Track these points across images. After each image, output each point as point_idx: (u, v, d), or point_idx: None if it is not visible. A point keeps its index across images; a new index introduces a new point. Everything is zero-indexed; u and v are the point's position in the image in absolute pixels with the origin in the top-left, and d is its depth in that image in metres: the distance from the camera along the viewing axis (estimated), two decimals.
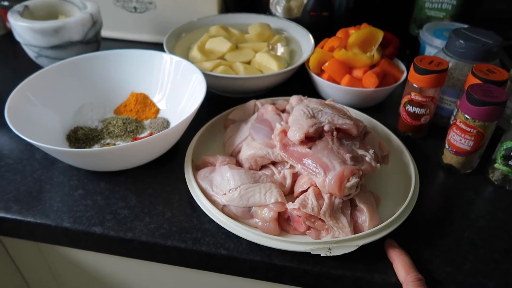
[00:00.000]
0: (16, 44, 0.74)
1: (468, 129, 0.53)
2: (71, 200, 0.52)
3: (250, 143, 0.54)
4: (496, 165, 0.55)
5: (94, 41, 0.75)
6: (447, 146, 0.57)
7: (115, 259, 0.55)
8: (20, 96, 0.57)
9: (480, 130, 0.52)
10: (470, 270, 0.45)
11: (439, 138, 0.60)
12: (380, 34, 0.69)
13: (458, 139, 0.55)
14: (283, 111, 0.60)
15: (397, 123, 0.65)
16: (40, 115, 0.59)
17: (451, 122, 0.56)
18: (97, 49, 0.77)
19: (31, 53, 0.73)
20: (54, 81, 0.62)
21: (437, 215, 0.52)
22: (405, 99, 0.62)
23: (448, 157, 0.57)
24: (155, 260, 0.50)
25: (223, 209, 0.49)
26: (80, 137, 0.60)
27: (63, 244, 0.52)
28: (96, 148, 0.59)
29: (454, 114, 0.57)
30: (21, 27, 0.68)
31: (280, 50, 0.77)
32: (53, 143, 0.56)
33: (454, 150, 0.56)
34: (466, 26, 0.68)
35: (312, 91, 0.72)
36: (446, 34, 0.72)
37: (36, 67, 0.70)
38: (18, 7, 0.72)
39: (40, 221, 0.49)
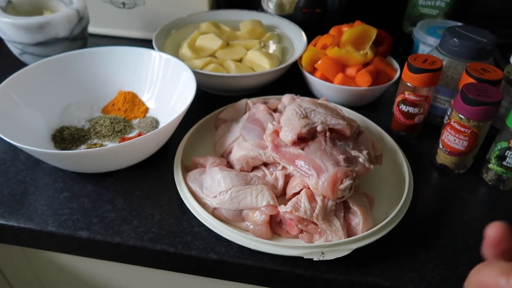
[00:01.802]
0: (0, 41, 0.71)
1: (463, 129, 0.52)
2: (56, 203, 0.50)
3: (242, 143, 0.53)
4: (490, 165, 0.55)
5: (80, 37, 0.73)
6: (441, 146, 0.56)
7: (103, 263, 0.54)
8: (3, 95, 0.55)
9: (475, 130, 0.52)
10: (464, 273, 0.44)
11: (433, 137, 0.59)
12: (373, 32, 0.68)
13: (452, 139, 0.54)
14: (275, 110, 0.59)
15: (390, 122, 0.65)
16: (24, 114, 0.57)
17: (445, 122, 0.56)
18: (84, 46, 0.75)
19: (15, 50, 0.71)
20: (38, 79, 0.60)
21: (431, 216, 0.51)
22: (398, 98, 0.61)
23: (442, 157, 0.57)
24: (144, 265, 0.49)
25: (213, 212, 0.48)
26: (66, 137, 0.58)
27: (48, 249, 0.51)
28: (82, 148, 0.58)
29: (448, 113, 0.56)
30: (4, 23, 0.66)
31: (272, 47, 0.75)
32: (37, 144, 0.54)
33: (448, 150, 0.55)
34: (459, 24, 0.67)
35: (304, 90, 0.71)
36: (439, 32, 0.71)
37: (20, 64, 0.68)
38: (1, 2, 0.70)
39: (24, 225, 0.48)
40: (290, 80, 0.74)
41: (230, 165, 0.54)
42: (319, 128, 0.49)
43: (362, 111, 0.64)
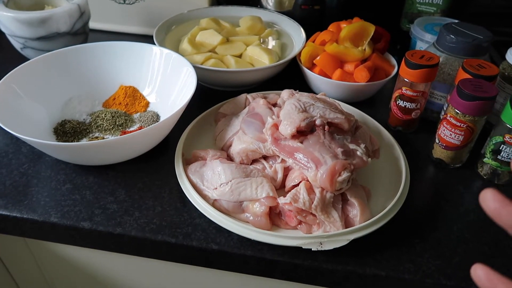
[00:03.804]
0: (1, 35, 0.72)
1: (458, 124, 0.53)
2: (59, 194, 0.51)
3: (241, 137, 0.54)
4: (485, 159, 0.56)
5: (81, 32, 0.73)
6: (437, 141, 0.57)
7: (105, 254, 0.55)
8: (5, 88, 0.55)
9: (470, 124, 0.53)
10: (459, 264, 0.46)
11: (429, 132, 0.60)
12: (371, 28, 0.69)
13: (448, 133, 0.55)
14: (275, 105, 0.60)
15: (387, 118, 0.66)
16: (26, 108, 0.57)
17: (441, 117, 0.57)
18: (85, 41, 0.76)
19: (16, 44, 0.71)
20: (40, 73, 0.61)
21: (427, 209, 0.52)
22: (396, 94, 0.62)
23: (438, 152, 0.58)
24: (145, 255, 0.50)
25: (214, 203, 0.49)
26: (67, 130, 0.59)
27: (51, 240, 0.51)
28: (84, 142, 0.58)
29: (445, 108, 0.57)
30: (6, 18, 0.66)
31: (271, 43, 0.76)
32: (40, 137, 0.55)
33: (444, 144, 0.56)
34: (456, 21, 0.68)
35: (303, 85, 0.72)
36: (437, 29, 0.72)
37: (22, 58, 0.68)
38: None
39: (27, 216, 0.48)
40: (289, 76, 0.75)
41: (230, 158, 0.55)
42: (317, 122, 0.50)
43: (360, 107, 0.65)
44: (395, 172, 0.55)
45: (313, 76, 0.68)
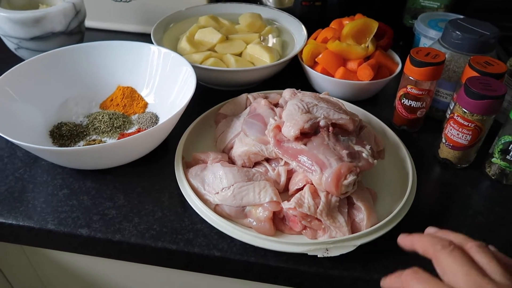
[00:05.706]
0: None
1: (466, 123, 0.52)
2: (56, 200, 0.50)
3: (243, 139, 0.52)
4: (493, 159, 0.54)
5: (77, 32, 0.71)
6: (444, 141, 0.56)
7: (104, 261, 0.53)
8: None
9: (478, 124, 0.51)
10: None
11: (434, 131, 0.59)
12: (374, 25, 0.67)
13: (455, 133, 0.53)
14: (276, 105, 0.58)
15: (392, 117, 0.64)
16: (21, 110, 0.55)
17: (447, 116, 0.55)
18: (81, 40, 0.74)
19: (10, 44, 0.69)
20: (35, 74, 0.59)
21: (435, 211, 0.51)
22: (400, 92, 0.60)
23: (445, 152, 0.56)
24: (146, 262, 0.48)
25: (215, 208, 0.47)
26: (64, 133, 0.57)
27: (48, 247, 0.50)
28: (81, 145, 0.57)
29: (451, 107, 0.55)
30: None
31: (272, 41, 0.74)
32: (35, 140, 0.53)
33: (451, 144, 0.55)
34: (461, 16, 0.66)
35: (305, 84, 0.71)
36: (441, 25, 0.70)
37: (16, 59, 0.66)
38: None
39: (23, 223, 0.47)
40: (291, 74, 0.73)
41: (231, 161, 0.53)
42: (321, 123, 0.48)
43: (364, 105, 0.63)
44: (401, 173, 0.53)
45: (315, 75, 0.66)
